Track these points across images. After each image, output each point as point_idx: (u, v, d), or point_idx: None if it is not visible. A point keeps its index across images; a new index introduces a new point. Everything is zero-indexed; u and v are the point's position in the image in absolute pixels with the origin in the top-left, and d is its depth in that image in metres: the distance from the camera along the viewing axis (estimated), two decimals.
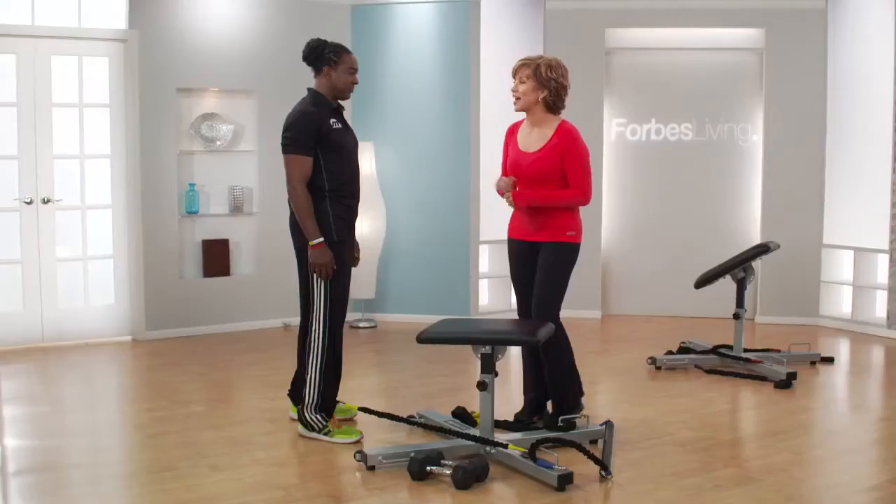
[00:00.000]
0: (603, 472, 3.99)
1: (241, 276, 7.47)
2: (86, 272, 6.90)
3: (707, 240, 8.00)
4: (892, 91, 7.06)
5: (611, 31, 7.92)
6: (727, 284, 6.44)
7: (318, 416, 4.53)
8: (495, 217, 7.41)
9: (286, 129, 4.54)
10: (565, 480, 3.84)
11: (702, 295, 6.92)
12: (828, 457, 4.47)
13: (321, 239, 4.48)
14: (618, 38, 8.00)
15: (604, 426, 4.55)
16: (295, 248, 4.68)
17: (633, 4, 7.80)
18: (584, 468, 4.02)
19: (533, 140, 4.61)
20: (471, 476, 3.86)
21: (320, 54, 4.59)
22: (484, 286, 7.92)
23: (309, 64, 4.65)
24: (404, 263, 7.79)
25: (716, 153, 7.99)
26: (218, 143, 7.27)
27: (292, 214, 4.61)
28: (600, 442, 4.43)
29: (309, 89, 4.68)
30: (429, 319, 7.56)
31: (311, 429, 4.53)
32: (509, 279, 7.77)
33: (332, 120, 4.56)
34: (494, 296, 8.01)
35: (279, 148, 4.48)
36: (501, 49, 7.70)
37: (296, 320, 7.55)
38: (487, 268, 7.97)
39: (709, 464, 4.24)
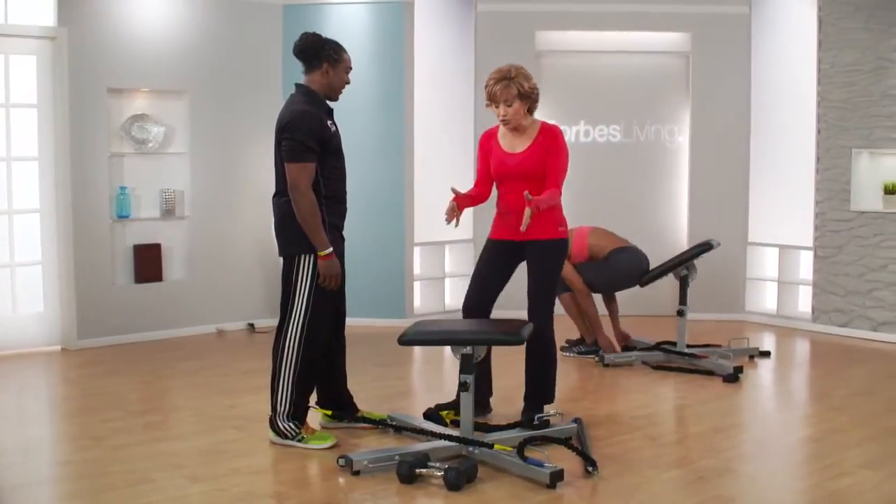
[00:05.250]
0: (589, 468, 4.02)
1: (174, 281, 7.26)
2: (13, 279, 6.58)
3: (636, 239, 8.00)
4: (814, 93, 7.35)
5: (541, 34, 8.01)
6: (656, 282, 6.61)
7: (290, 424, 4.42)
8: (429, 220, 7.42)
9: (288, 131, 4.24)
10: (557, 478, 3.86)
11: (632, 293, 7.05)
12: (793, 446, 4.61)
13: (331, 249, 4.31)
14: (548, 40, 8.09)
15: (575, 423, 4.60)
16: (281, 255, 4.45)
17: (564, 7, 7.90)
18: (565, 465, 4.01)
19: (518, 141, 4.72)
20: (463, 477, 3.85)
21: (321, 49, 4.37)
22: (417, 288, 7.90)
23: (305, 58, 4.39)
24: None
25: (643, 154, 8.16)
26: (149, 144, 7.04)
27: (279, 219, 4.40)
28: (574, 439, 4.47)
29: (300, 85, 4.43)
30: (364, 322, 7.62)
31: (285, 437, 4.43)
32: (442, 281, 7.91)
33: (329, 122, 4.39)
34: (427, 297, 7.99)
35: (211, 149, 4.17)
36: (433, 50, 7.72)
37: (227, 325, 7.47)
38: (420, 270, 7.94)
39: (685, 456, 4.34)
